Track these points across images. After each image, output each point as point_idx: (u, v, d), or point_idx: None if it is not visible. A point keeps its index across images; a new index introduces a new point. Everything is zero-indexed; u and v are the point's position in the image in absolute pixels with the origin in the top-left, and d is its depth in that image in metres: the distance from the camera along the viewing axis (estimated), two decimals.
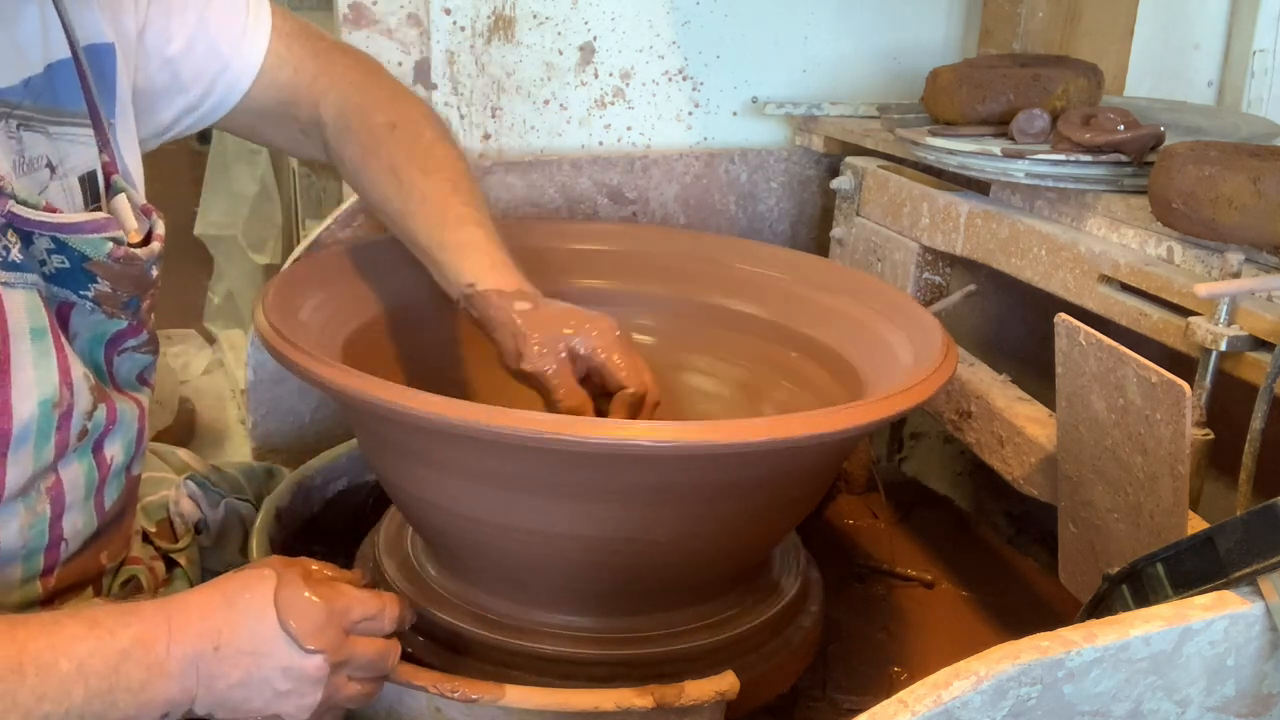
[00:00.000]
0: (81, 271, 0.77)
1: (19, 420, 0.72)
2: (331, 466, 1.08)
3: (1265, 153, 0.88)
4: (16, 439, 0.72)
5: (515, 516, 0.80)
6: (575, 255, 1.16)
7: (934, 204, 1.13)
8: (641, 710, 0.75)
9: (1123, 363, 0.75)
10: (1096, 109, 1.01)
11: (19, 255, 0.72)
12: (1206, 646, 0.57)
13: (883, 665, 0.99)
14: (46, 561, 0.79)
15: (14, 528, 0.75)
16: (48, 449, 0.75)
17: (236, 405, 1.52)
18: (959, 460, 1.44)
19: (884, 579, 1.12)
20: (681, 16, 1.36)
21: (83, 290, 0.78)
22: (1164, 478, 0.73)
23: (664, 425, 0.72)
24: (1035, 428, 0.94)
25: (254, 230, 2.14)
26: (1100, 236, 0.97)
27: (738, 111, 1.42)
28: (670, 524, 0.80)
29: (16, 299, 0.72)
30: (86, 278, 0.77)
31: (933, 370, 0.84)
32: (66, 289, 0.77)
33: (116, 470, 0.83)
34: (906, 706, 0.52)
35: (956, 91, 1.10)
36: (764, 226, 1.44)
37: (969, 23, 1.47)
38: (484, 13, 1.27)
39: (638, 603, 0.88)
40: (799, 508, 0.91)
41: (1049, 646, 0.54)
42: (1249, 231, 0.83)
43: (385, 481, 0.91)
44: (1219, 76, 1.71)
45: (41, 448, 0.74)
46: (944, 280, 1.18)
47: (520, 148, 1.34)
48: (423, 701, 0.77)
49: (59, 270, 0.76)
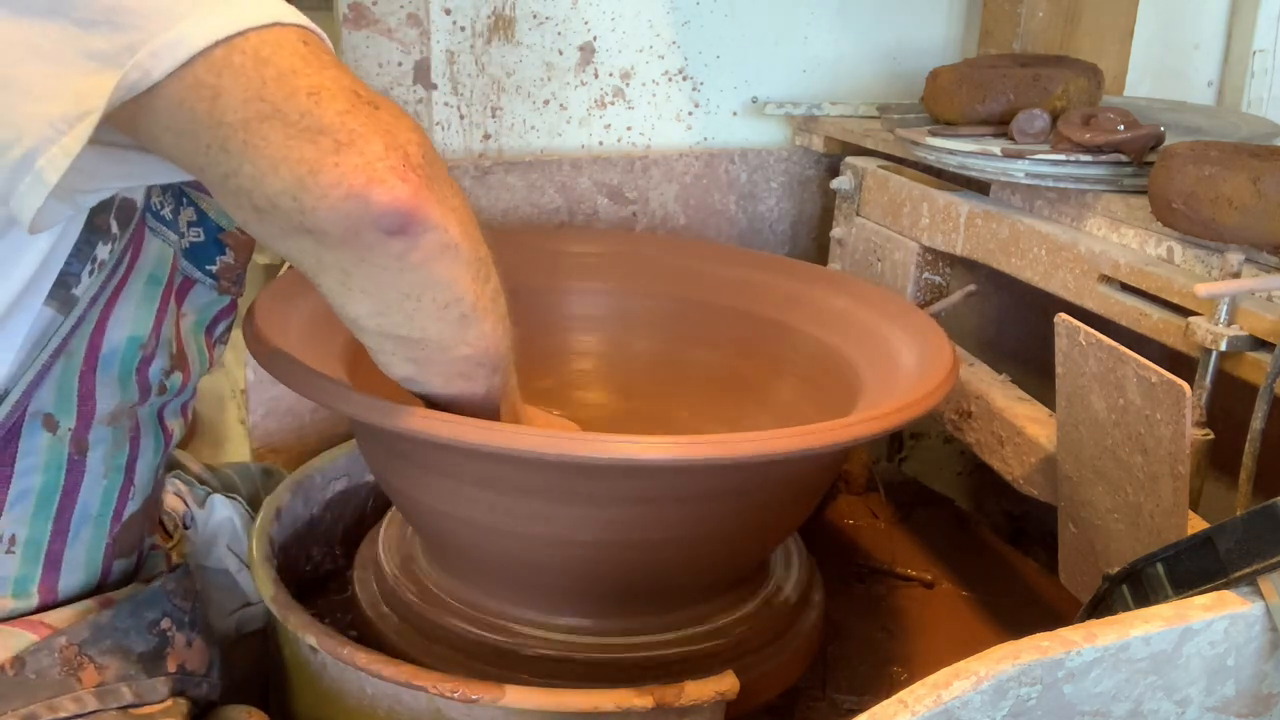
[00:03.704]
0: (214, 243, 0.83)
1: (109, 344, 0.76)
2: (331, 466, 1.08)
3: (1265, 153, 0.88)
4: (104, 359, 0.76)
5: (516, 521, 0.80)
6: (575, 257, 1.16)
7: (934, 204, 1.13)
8: (641, 710, 0.75)
9: (1123, 363, 0.75)
10: (1096, 109, 1.01)
11: (169, 214, 0.79)
12: (1206, 646, 0.57)
13: (883, 665, 0.99)
14: (118, 504, 0.81)
15: (100, 453, 0.78)
16: (131, 385, 0.78)
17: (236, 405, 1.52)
18: (959, 460, 1.44)
19: (884, 579, 1.12)
20: (681, 16, 1.36)
21: (209, 264, 0.84)
22: (1164, 478, 0.73)
23: (663, 441, 0.73)
24: (1035, 428, 0.94)
25: None
26: (1100, 236, 0.97)
27: (738, 111, 1.42)
28: (670, 529, 0.80)
29: (153, 246, 0.78)
30: (217, 249, 0.83)
31: (937, 383, 0.84)
32: (196, 264, 0.83)
33: (170, 445, 0.86)
34: (906, 706, 0.52)
35: (956, 91, 1.10)
36: (764, 226, 1.44)
37: (969, 23, 1.47)
38: (484, 13, 1.27)
39: (638, 604, 0.88)
40: (799, 512, 0.92)
41: (1049, 646, 0.54)
42: (1249, 231, 0.83)
43: (385, 485, 0.91)
44: (1219, 76, 1.71)
45: (126, 381, 0.78)
46: (944, 280, 1.18)
47: (520, 148, 1.34)
48: (423, 701, 0.77)
49: (194, 244, 0.82)
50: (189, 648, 0.81)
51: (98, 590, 0.81)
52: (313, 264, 0.64)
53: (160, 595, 0.81)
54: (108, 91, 0.58)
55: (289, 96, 0.58)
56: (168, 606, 0.80)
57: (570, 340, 1.15)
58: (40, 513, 0.76)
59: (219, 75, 0.58)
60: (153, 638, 0.78)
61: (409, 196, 0.59)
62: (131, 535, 0.83)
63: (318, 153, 0.58)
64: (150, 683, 0.77)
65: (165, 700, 0.77)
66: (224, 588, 0.96)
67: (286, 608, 0.85)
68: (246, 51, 0.58)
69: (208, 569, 0.96)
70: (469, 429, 0.71)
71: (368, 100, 0.60)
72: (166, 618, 0.80)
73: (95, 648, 0.76)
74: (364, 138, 0.59)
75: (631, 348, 1.15)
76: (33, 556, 0.76)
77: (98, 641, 0.76)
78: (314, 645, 0.82)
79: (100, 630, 0.76)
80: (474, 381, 0.72)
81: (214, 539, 0.98)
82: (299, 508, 1.04)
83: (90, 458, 0.78)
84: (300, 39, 0.61)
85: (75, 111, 0.59)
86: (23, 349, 0.72)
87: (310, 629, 0.83)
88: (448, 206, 0.63)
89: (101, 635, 0.76)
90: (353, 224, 0.59)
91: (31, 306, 0.71)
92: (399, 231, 0.60)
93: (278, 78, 0.58)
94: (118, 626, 0.77)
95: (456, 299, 0.66)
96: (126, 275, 0.76)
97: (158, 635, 0.79)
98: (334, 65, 0.61)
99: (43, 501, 0.76)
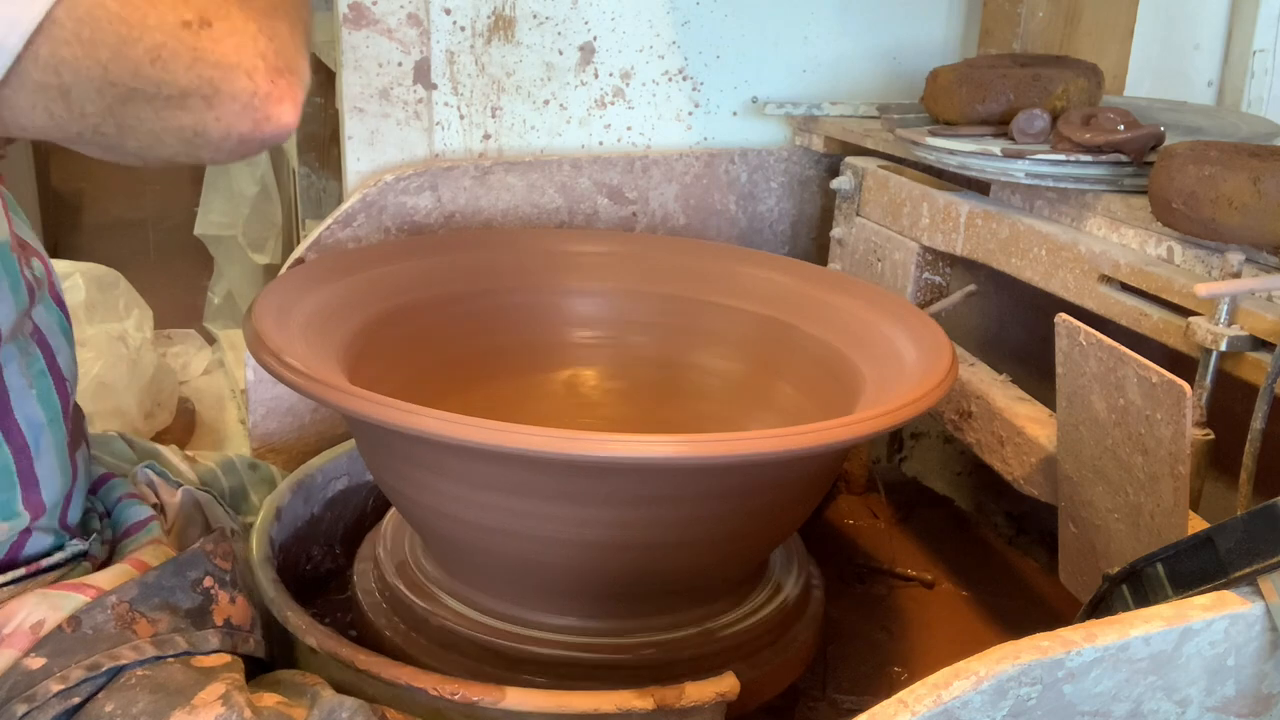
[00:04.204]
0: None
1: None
2: (331, 466, 1.08)
3: (1265, 153, 0.88)
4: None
5: (516, 521, 0.80)
6: (575, 257, 1.16)
7: (934, 204, 1.13)
8: (642, 711, 0.75)
9: (1123, 363, 0.75)
10: (1096, 109, 1.01)
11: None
12: (1206, 646, 0.57)
13: (883, 665, 0.99)
14: (60, 403, 0.81)
15: (15, 368, 0.78)
16: (21, 291, 0.77)
17: (236, 405, 1.52)
18: (959, 460, 1.44)
19: (884, 579, 1.12)
20: (681, 16, 1.36)
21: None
22: (1164, 478, 0.73)
23: (663, 441, 0.73)
24: (1035, 428, 0.94)
25: (254, 230, 2.14)
26: (1100, 236, 0.97)
27: (738, 111, 1.42)
28: (670, 529, 0.80)
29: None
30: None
31: (936, 383, 0.84)
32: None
33: (66, 316, 0.86)
34: (906, 706, 0.52)
35: (956, 91, 1.10)
36: (764, 226, 1.44)
37: (969, 23, 1.47)
38: (484, 13, 1.27)
39: (638, 604, 0.88)
40: (799, 512, 0.91)
41: (1049, 646, 0.54)
42: (1249, 231, 0.83)
43: (384, 485, 0.91)
44: (1219, 76, 1.71)
45: (16, 289, 0.77)
46: (944, 280, 1.18)
47: (520, 148, 1.34)
48: (423, 703, 0.77)
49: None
50: (233, 604, 0.83)
51: (75, 490, 0.83)
52: None
53: (200, 556, 0.83)
54: None
55: (135, 72, 0.56)
56: (209, 566, 0.82)
57: (570, 340, 1.15)
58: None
59: (58, 74, 0.56)
60: (198, 595, 0.81)
61: (292, 108, 0.59)
62: (77, 426, 0.85)
63: (193, 117, 0.57)
64: (201, 635, 0.79)
65: (218, 651, 0.79)
66: None
67: (286, 608, 0.85)
68: (69, 40, 0.55)
69: None
70: (469, 429, 0.71)
71: (199, 24, 0.56)
72: (208, 575, 0.82)
73: (145, 605, 0.78)
74: (225, 78, 0.56)
75: (631, 348, 1.15)
76: (7, 482, 0.78)
77: (147, 599, 0.78)
78: (314, 645, 0.82)
79: (148, 589, 0.79)
80: None
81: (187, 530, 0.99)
82: (299, 507, 1.04)
83: (6, 377, 0.78)
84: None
85: None
86: None
87: (310, 629, 0.83)
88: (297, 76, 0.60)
89: (150, 593, 0.79)
90: (248, 149, 0.60)
91: None
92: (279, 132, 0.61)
93: (114, 57, 0.55)
94: (163, 585, 0.79)
95: None
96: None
97: (202, 593, 0.81)
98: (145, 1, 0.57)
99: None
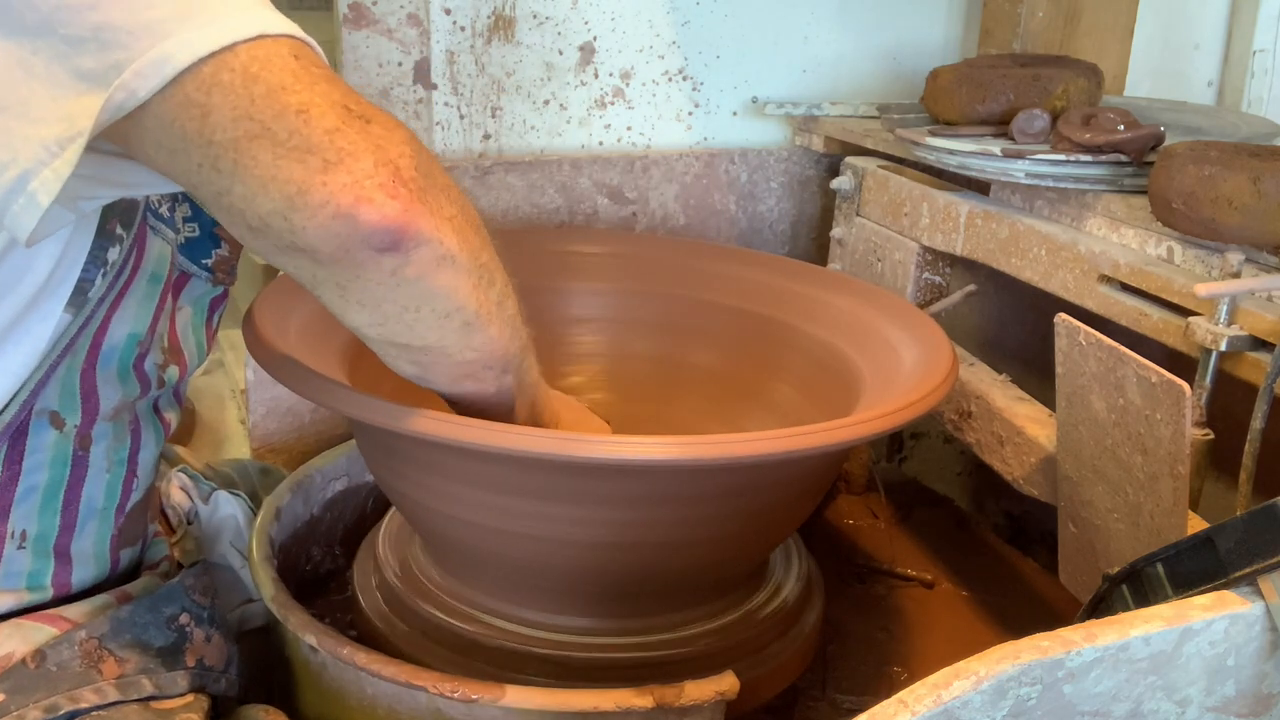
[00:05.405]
0: (210, 237, 0.85)
1: (110, 341, 0.77)
2: (331, 466, 1.08)
3: (1265, 153, 0.88)
4: (104, 356, 0.77)
5: (516, 522, 0.80)
6: (575, 257, 1.16)
7: (934, 204, 1.13)
8: (641, 710, 0.75)
9: (1123, 363, 0.75)
10: (1096, 109, 1.01)
11: (166, 211, 0.81)
12: (1206, 646, 0.57)
13: (883, 665, 0.99)
14: (122, 496, 0.82)
15: (103, 448, 0.79)
16: (130, 380, 0.80)
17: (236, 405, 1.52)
18: (959, 460, 1.44)
19: (884, 579, 1.12)
20: (681, 16, 1.36)
21: (205, 259, 0.86)
22: (1164, 478, 0.73)
23: (663, 441, 0.73)
24: (1035, 428, 0.94)
25: None
26: (1100, 236, 0.97)
27: (738, 111, 1.42)
28: (670, 529, 0.80)
29: (155, 244, 0.79)
30: (212, 243, 0.86)
31: (937, 383, 0.84)
32: (192, 259, 0.85)
33: (169, 433, 0.88)
34: (906, 706, 0.52)
35: (956, 91, 1.10)
36: (764, 226, 1.44)
37: (969, 23, 1.47)
38: (484, 13, 1.27)
39: (638, 604, 0.88)
40: (799, 512, 0.91)
41: (1049, 646, 0.54)
42: (1249, 231, 0.83)
43: (384, 485, 0.91)
44: (1219, 76, 1.71)
45: (125, 377, 0.79)
46: (944, 280, 1.18)
47: (520, 148, 1.34)
48: (423, 701, 0.77)
49: (189, 240, 0.84)
50: (208, 643, 0.82)
51: (109, 581, 0.82)
52: (309, 278, 0.64)
53: (179, 591, 0.82)
54: (95, 113, 0.58)
55: (278, 115, 0.58)
56: (186, 602, 0.81)
57: (570, 340, 1.15)
58: (47, 507, 0.77)
59: (208, 94, 0.58)
60: (171, 632, 0.79)
61: (398, 213, 0.59)
62: (135, 525, 0.84)
63: (306, 172, 0.58)
64: (170, 676, 0.78)
65: (185, 694, 0.78)
66: (227, 584, 0.96)
67: (286, 607, 0.85)
68: (235, 69, 0.58)
69: (212, 565, 0.96)
70: (467, 430, 0.71)
71: (359, 115, 0.60)
72: (185, 613, 0.81)
73: (115, 641, 0.76)
74: (352, 155, 0.58)
75: (631, 348, 1.15)
76: (43, 551, 0.77)
77: (117, 635, 0.77)
78: (314, 645, 0.82)
79: (120, 624, 0.77)
80: (482, 383, 0.73)
81: (218, 535, 0.99)
82: (299, 507, 1.04)
83: (94, 453, 0.79)
84: (291, 52, 0.60)
85: (67, 134, 0.58)
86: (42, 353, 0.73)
87: (310, 629, 0.83)
88: (442, 217, 0.62)
89: (121, 629, 0.77)
90: (343, 243, 0.59)
91: (52, 312, 0.72)
92: (390, 248, 0.60)
93: (266, 95, 0.58)
94: (137, 621, 0.78)
95: (457, 308, 0.66)
96: (132, 275, 0.77)
97: (176, 630, 0.80)
98: (325, 79, 0.60)
99: (49, 497, 0.77)
